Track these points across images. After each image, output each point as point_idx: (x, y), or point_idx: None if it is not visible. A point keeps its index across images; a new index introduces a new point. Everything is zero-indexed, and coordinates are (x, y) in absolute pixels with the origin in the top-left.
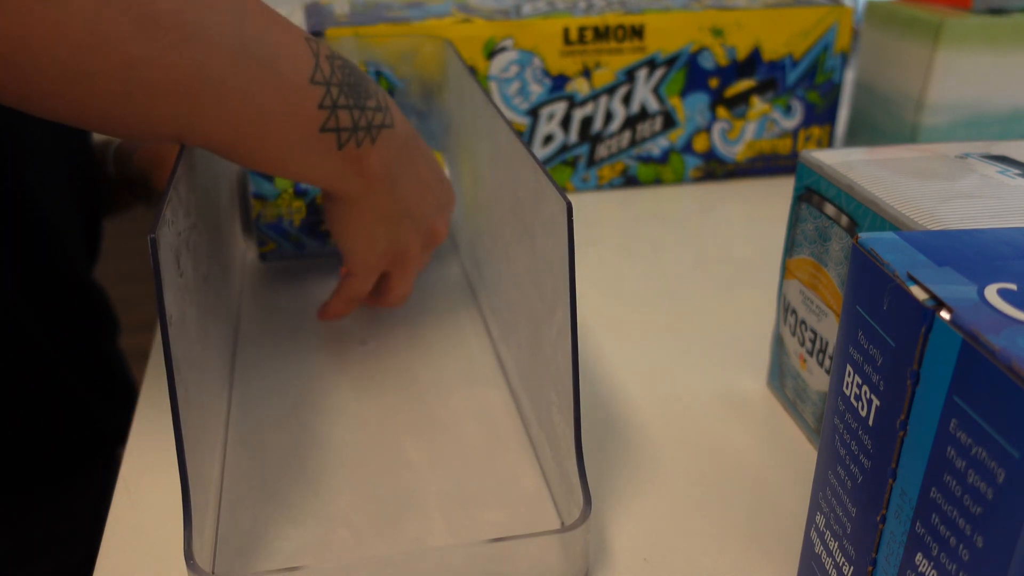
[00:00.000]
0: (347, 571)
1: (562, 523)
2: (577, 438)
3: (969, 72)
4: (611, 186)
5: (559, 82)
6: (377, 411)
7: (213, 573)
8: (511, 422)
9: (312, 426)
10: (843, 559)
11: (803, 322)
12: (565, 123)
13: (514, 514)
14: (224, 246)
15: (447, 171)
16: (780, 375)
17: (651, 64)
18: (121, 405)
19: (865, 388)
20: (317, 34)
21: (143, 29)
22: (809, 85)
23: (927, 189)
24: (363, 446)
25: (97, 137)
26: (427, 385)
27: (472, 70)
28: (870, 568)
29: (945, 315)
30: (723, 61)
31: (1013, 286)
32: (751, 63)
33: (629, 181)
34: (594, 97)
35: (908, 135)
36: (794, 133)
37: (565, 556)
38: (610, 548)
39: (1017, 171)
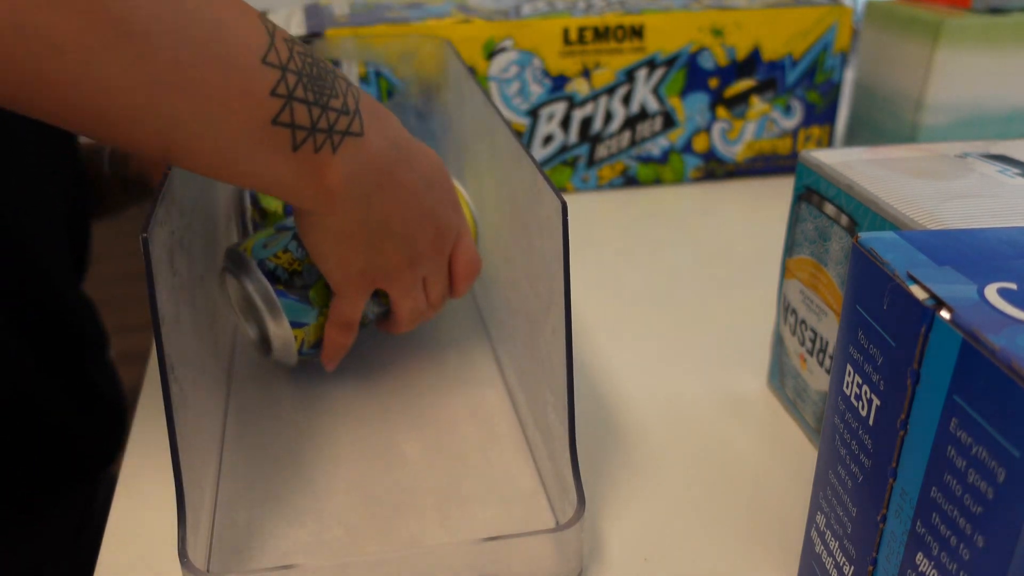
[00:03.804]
0: (342, 570)
1: (556, 522)
2: (572, 438)
3: (969, 72)
4: (611, 186)
5: (559, 82)
6: (373, 410)
7: (208, 571)
8: (507, 421)
9: (308, 425)
10: (844, 559)
11: (803, 322)
12: (565, 123)
13: (509, 513)
14: (221, 245)
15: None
16: (780, 375)
17: (651, 64)
18: (106, 425)
19: (865, 388)
20: (317, 35)
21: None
22: (809, 85)
23: (927, 189)
24: (359, 445)
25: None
26: (424, 384)
27: (472, 70)
28: (871, 568)
29: (945, 315)
30: (723, 61)
31: (1013, 285)
32: (751, 63)
33: (629, 181)
34: (594, 97)
35: (908, 135)
36: (794, 133)
37: (559, 555)
38: (609, 548)
39: (1017, 170)
